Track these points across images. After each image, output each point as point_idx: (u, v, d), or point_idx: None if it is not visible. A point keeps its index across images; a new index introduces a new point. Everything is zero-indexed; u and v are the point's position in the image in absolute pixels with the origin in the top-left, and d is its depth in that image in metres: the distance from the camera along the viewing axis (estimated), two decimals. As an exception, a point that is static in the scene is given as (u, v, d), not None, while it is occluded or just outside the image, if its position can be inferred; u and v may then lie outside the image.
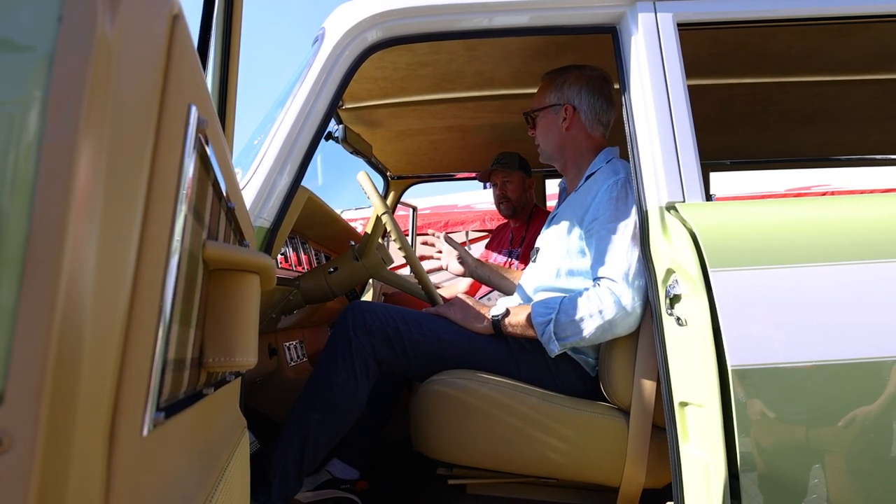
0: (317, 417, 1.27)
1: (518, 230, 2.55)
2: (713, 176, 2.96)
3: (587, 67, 1.54)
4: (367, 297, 2.75)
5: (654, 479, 1.27)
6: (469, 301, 1.42)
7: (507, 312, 1.37)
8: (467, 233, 5.45)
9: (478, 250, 3.25)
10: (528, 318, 1.33)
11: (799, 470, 1.00)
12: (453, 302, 1.44)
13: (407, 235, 4.72)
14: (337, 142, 2.02)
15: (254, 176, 1.20)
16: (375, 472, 1.66)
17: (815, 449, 1.00)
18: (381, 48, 1.29)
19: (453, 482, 1.34)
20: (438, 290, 3.04)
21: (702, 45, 1.68)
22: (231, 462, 0.67)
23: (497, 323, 1.36)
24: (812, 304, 1.02)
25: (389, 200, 2.82)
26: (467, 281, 2.75)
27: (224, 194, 0.52)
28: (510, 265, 2.48)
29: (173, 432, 0.41)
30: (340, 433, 1.32)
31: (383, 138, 2.35)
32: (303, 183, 1.25)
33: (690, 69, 1.84)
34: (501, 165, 2.43)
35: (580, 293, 1.30)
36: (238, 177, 1.25)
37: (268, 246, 1.19)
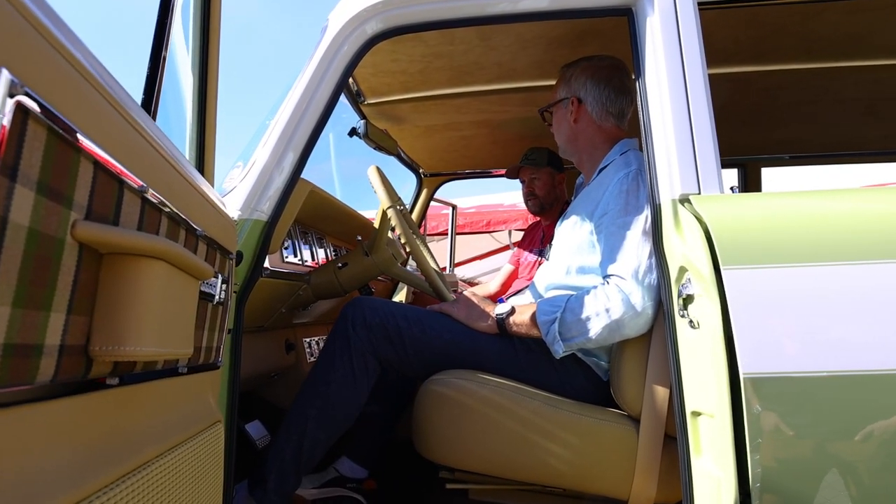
0: (314, 414, 1.26)
1: (549, 228, 2.47)
2: (773, 172, 2.76)
3: (596, 57, 1.49)
4: (400, 297, 2.75)
5: (667, 494, 1.18)
6: (475, 299, 1.37)
7: (513, 311, 1.31)
8: (510, 232, 5.36)
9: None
10: (533, 316, 1.26)
11: (817, 491, 0.89)
12: (459, 299, 1.39)
13: (446, 234, 4.69)
14: (360, 137, 2.01)
15: (251, 169, 1.19)
16: (384, 471, 1.63)
17: (836, 468, 0.89)
18: (381, 39, 1.26)
19: (451, 486, 1.29)
20: (473, 288, 3.00)
21: (739, 27, 1.56)
22: (171, 456, 0.66)
23: (501, 322, 1.30)
24: (835, 307, 0.91)
25: (422, 198, 2.80)
26: (501, 279, 2.69)
27: (126, 176, 0.50)
28: (540, 264, 2.40)
29: (25, 418, 0.39)
30: (339, 431, 1.29)
31: (411, 134, 2.33)
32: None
33: (730, 56, 1.73)
34: (529, 162, 2.37)
35: (587, 291, 1.22)
36: (238, 170, 1.25)
37: (265, 239, 1.18)
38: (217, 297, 0.86)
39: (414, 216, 2.80)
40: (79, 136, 0.42)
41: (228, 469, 1.09)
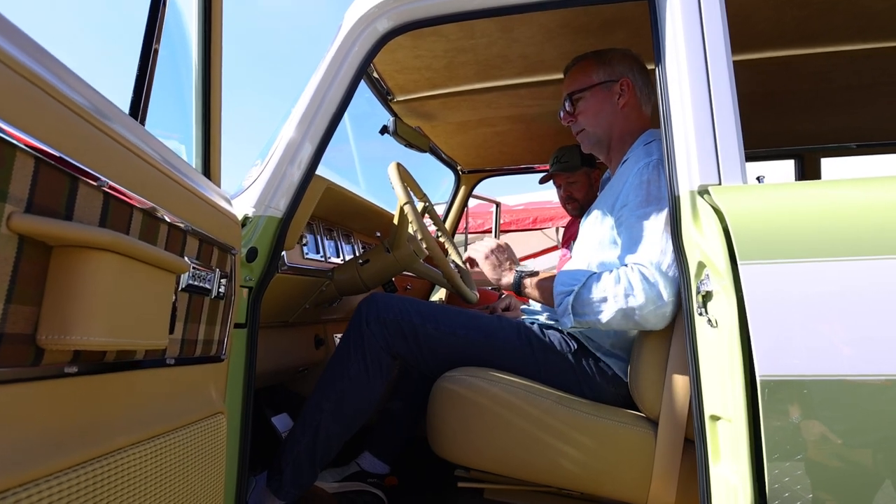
0: (328, 408, 1.27)
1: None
2: (837, 163, 2.58)
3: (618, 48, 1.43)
4: (438, 296, 2.75)
5: (687, 501, 1.12)
6: (503, 255, 1.36)
7: (535, 273, 1.28)
8: (557, 229, 5.24)
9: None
10: (549, 283, 1.23)
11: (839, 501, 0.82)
12: (487, 251, 1.37)
13: (490, 232, 4.66)
14: (391, 135, 2.02)
15: (265, 167, 1.22)
16: (406, 468, 1.63)
17: (859, 479, 0.82)
18: (393, 36, 1.26)
19: (463, 485, 1.28)
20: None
21: (783, 8, 1.46)
22: (152, 444, 0.68)
23: (518, 279, 1.28)
24: (860, 306, 0.84)
25: (460, 195, 2.78)
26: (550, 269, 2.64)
27: (80, 172, 0.52)
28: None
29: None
30: (354, 426, 1.30)
31: (445, 131, 2.32)
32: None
33: (774, 38, 1.63)
34: (562, 167, 2.29)
35: (611, 271, 1.17)
36: (256, 168, 1.28)
37: (280, 235, 1.20)
38: (215, 291, 0.88)
39: (452, 213, 2.80)
40: (12, 131, 0.43)
41: (242, 460, 1.11)
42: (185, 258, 0.77)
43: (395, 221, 1.48)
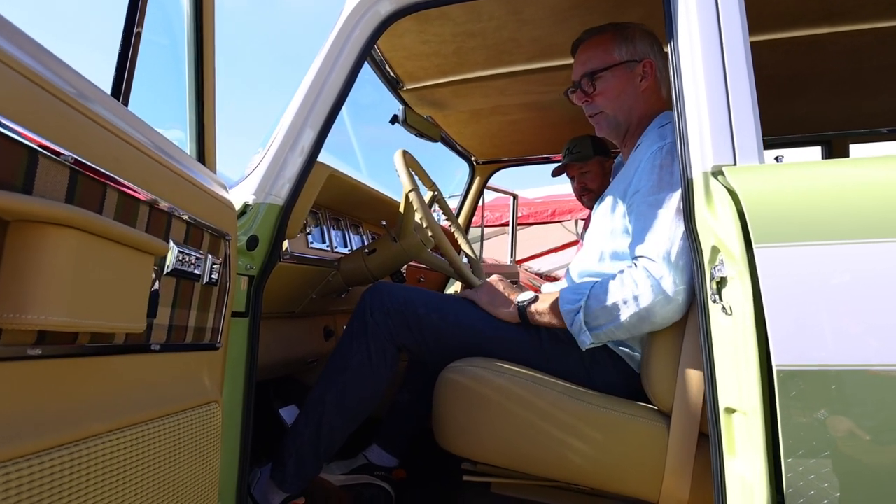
0: (331, 400, 1.25)
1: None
2: (871, 148, 2.47)
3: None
4: (453, 289, 2.72)
5: (702, 497, 1.07)
6: (500, 285, 1.31)
7: (535, 299, 1.23)
8: (577, 221, 5.15)
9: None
10: (556, 305, 1.18)
11: (859, 501, 0.77)
12: (483, 285, 1.33)
13: (507, 224, 4.60)
14: (401, 124, 1.99)
15: (266, 154, 1.20)
16: (415, 461, 1.61)
17: (887, 480, 0.76)
18: (396, 18, 1.22)
19: (468, 478, 1.24)
20: (551, 283, 2.91)
21: None
22: (132, 432, 0.66)
23: (523, 310, 1.23)
24: (883, 291, 0.78)
25: (475, 186, 2.74)
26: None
27: (39, 144, 0.50)
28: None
29: None
30: (358, 418, 1.28)
31: (457, 121, 2.28)
32: None
33: (798, 17, 1.55)
34: (574, 157, 2.24)
35: (613, 276, 1.13)
36: (258, 155, 1.26)
37: (281, 223, 1.18)
38: (206, 277, 0.86)
39: (466, 206, 2.76)
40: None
41: (244, 451, 1.10)
42: (171, 242, 0.75)
43: (401, 210, 1.45)
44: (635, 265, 1.11)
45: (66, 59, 0.58)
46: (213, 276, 0.89)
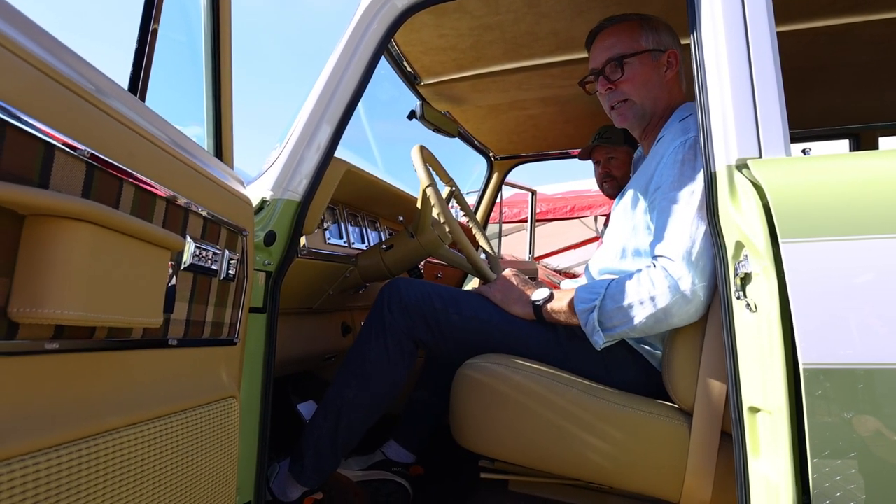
0: (350, 395, 1.25)
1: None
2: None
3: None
4: (472, 286, 2.70)
5: (725, 498, 1.05)
6: (515, 280, 1.29)
7: (551, 297, 1.22)
8: (596, 218, 5.10)
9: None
10: (572, 303, 1.17)
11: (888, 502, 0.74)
12: (497, 280, 1.32)
13: (525, 221, 4.56)
14: (418, 120, 1.98)
15: (283, 149, 1.20)
16: (433, 457, 1.60)
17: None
18: (413, 12, 1.21)
19: (486, 476, 1.23)
20: (570, 280, 2.88)
21: None
22: (151, 426, 0.66)
23: (538, 308, 1.22)
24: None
25: (493, 182, 2.73)
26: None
27: (56, 139, 0.50)
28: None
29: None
30: (376, 413, 1.28)
31: (475, 116, 2.26)
32: None
33: (825, 6, 1.50)
34: (604, 140, 2.22)
35: (630, 276, 1.11)
36: (276, 151, 1.27)
37: (299, 219, 1.18)
38: (223, 272, 0.87)
39: (484, 202, 2.74)
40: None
41: (262, 445, 1.10)
42: (188, 237, 0.76)
43: (419, 206, 1.44)
44: (654, 265, 1.09)
45: (83, 55, 0.58)
46: (230, 271, 0.89)
